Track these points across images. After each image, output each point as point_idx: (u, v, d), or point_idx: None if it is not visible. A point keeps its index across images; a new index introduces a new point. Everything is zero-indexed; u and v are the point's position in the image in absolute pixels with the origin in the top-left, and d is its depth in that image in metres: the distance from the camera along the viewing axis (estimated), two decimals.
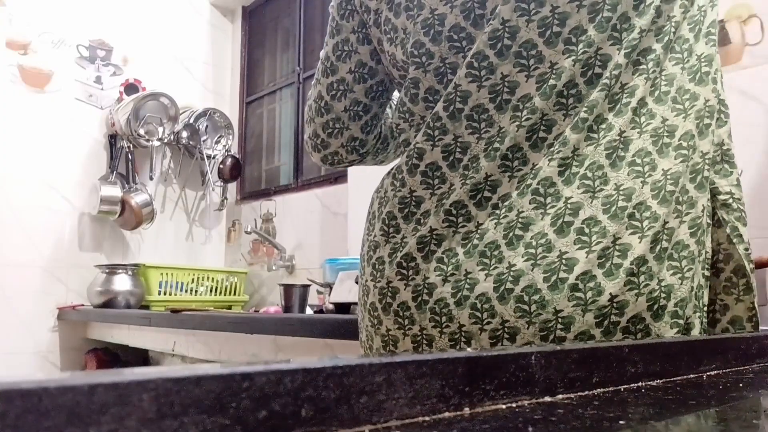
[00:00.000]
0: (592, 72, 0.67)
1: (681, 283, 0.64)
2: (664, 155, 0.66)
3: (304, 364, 0.30)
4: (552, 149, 0.67)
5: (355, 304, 1.76)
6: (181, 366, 0.28)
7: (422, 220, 0.72)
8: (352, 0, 0.85)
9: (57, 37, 2.80)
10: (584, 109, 0.67)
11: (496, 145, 0.69)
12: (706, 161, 0.69)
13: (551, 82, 0.67)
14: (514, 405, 0.38)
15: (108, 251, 2.84)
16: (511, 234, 0.65)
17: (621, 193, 0.64)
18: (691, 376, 0.52)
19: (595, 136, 0.66)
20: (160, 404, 0.25)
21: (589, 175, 0.64)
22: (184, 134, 3.02)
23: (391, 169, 0.79)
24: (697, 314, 0.69)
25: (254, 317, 1.84)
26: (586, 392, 0.42)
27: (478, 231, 0.67)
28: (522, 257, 0.64)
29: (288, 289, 2.10)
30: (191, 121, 3.03)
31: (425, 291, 0.68)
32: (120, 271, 2.53)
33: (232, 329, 2.00)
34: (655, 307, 0.63)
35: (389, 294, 0.72)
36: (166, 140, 2.92)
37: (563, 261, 0.62)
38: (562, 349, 0.42)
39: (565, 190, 0.65)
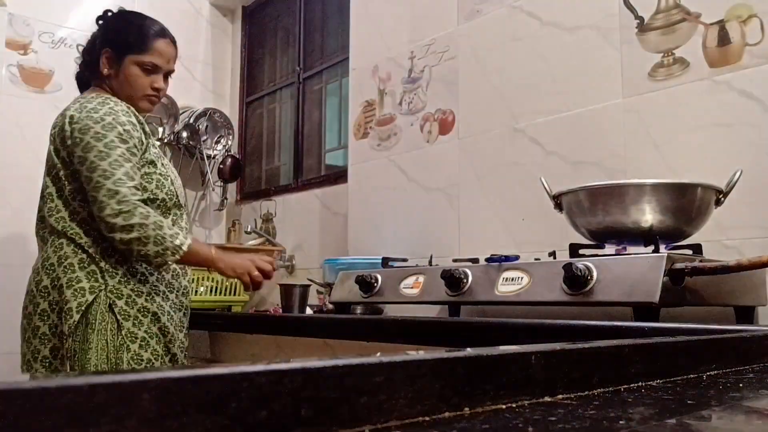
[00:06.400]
0: None
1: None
2: None
3: (304, 364, 0.30)
4: None
5: (356, 303, 1.76)
6: (181, 366, 0.28)
7: None
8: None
9: (57, 37, 2.80)
10: None
11: None
12: None
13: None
14: (514, 405, 0.38)
15: None
16: None
17: None
18: (691, 376, 0.52)
19: None
20: (160, 404, 0.25)
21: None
22: (184, 134, 3.02)
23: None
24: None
25: (254, 317, 1.84)
26: (586, 392, 0.42)
27: None
28: None
29: (288, 289, 2.10)
30: (191, 121, 3.02)
31: None
32: None
33: (232, 329, 1.99)
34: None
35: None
36: (166, 140, 2.92)
37: None
38: (562, 349, 0.42)
39: None
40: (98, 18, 1.72)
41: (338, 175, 2.70)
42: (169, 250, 1.47)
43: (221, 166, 3.12)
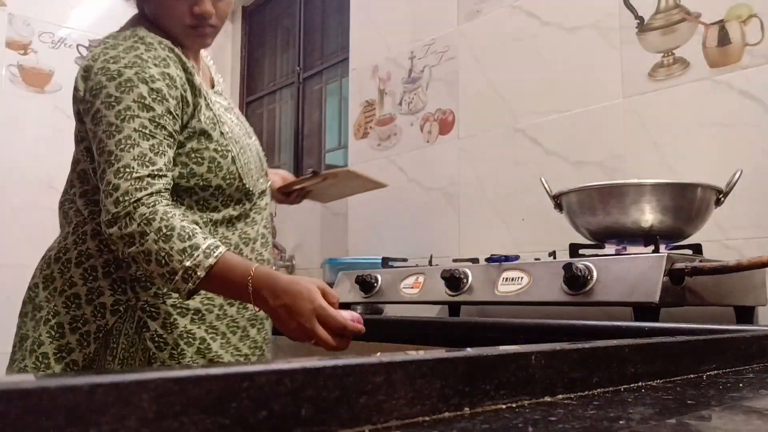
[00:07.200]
0: None
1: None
2: None
3: (304, 364, 0.30)
4: None
5: (356, 303, 1.76)
6: (181, 366, 0.28)
7: None
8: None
9: (57, 37, 2.80)
10: None
11: None
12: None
13: None
14: (514, 405, 0.38)
15: None
16: None
17: None
18: (691, 376, 0.52)
19: None
20: (160, 404, 0.25)
21: None
22: None
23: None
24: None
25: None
26: (586, 392, 0.42)
27: None
28: None
29: None
30: None
31: None
32: None
33: None
34: None
35: None
36: None
37: None
38: (562, 349, 0.42)
39: None
40: None
41: None
42: (178, 274, 0.96)
43: None
